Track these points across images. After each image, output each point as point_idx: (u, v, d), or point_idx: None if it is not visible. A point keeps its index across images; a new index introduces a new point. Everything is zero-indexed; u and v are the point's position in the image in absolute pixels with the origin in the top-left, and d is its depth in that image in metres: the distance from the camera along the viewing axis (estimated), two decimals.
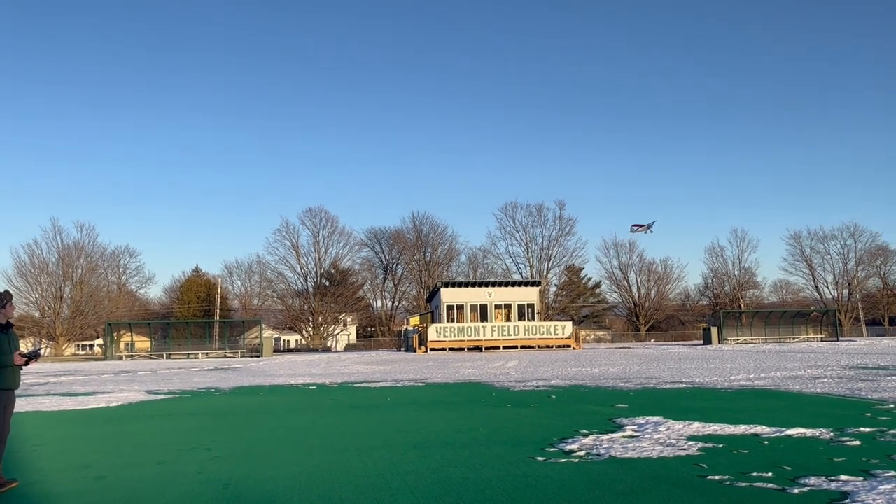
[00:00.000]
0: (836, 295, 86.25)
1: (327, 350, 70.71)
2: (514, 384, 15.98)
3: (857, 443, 6.74)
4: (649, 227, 63.87)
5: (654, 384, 15.06)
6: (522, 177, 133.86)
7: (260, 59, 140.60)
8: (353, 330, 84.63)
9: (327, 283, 79.43)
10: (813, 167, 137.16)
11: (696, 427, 7.97)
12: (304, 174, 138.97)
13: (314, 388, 16.92)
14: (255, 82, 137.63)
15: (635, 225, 64.68)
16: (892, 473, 5.27)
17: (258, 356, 48.07)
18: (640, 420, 8.74)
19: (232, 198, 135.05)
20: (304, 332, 78.83)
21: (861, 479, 5.14)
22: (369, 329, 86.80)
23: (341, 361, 34.96)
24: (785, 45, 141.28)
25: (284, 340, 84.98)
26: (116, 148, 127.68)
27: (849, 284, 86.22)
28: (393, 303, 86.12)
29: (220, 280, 78.08)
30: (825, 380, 14.80)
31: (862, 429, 7.59)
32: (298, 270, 79.61)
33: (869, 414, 8.89)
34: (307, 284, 79.57)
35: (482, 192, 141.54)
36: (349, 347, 75.92)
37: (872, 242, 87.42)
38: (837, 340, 52.59)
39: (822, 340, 53.00)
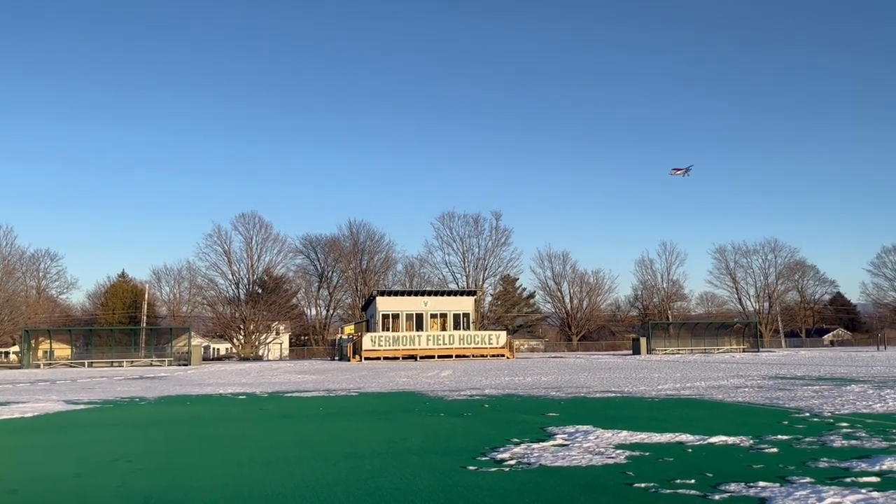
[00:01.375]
0: (757, 307, 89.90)
1: (259, 359, 69.30)
2: (448, 393, 16.00)
3: (775, 450, 7.00)
4: (687, 170, 64.10)
5: (584, 393, 15.32)
6: (460, 187, 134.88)
7: (192, 56, 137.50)
8: (285, 338, 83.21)
9: (260, 291, 77.99)
10: (737, 184, 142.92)
11: (624, 435, 8.13)
12: (237, 178, 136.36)
13: (244, 397, 16.54)
14: (187, 80, 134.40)
15: (674, 169, 64.94)
16: (807, 480, 5.49)
17: (186, 365, 46.73)
18: (571, 429, 8.87)
19: (162, 200, 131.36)
20: (235, 340, 77.06)
21: (778, 485, 5.34)
22: (303, 338, 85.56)
23: (273, 370, 34.30)
24: (713, 59, 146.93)
25: (214, 349, 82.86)
26: (38, 146, 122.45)
27: (769, 297, 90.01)
28: (327, 311, 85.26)
29: (147, 286, 75.74)
30: (746, 389, 15.35)
31: (779, 436, 7.89)
32: (230, 277, 77.98)
33: (786, 422, 9.25)
34: (239, 291, 77.96)
35: (420, 201, 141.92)
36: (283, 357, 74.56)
37: (791, 258, 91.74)
38: (758, 351, 54.72)
39: (744, 351, 55.06)
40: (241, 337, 76.10)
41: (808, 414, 10.15)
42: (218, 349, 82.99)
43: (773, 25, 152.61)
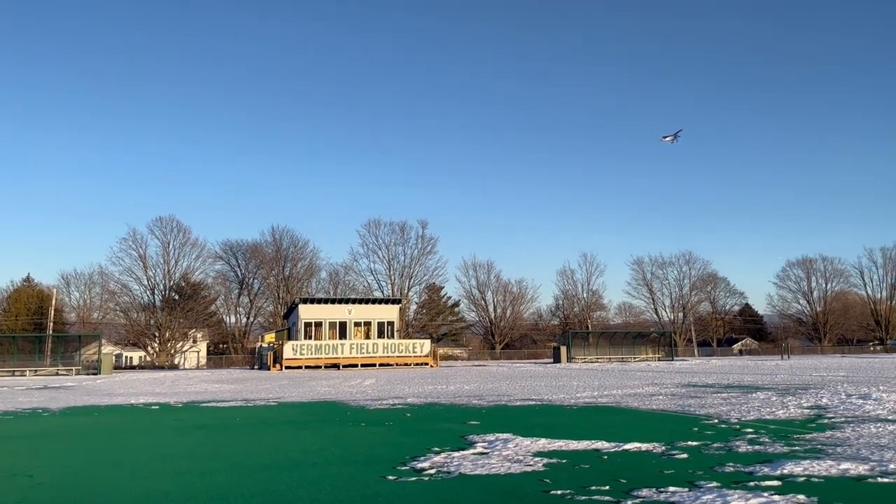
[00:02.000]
0: (672, 317, 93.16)
1: (174, 368, 66.98)
2: (370, 402, 15.88)
3: (685, 456, 7.25)
4: (676, 136, 66.58)
5: (505, 401, 15.49)
6: (386, 195, 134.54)
7: (102, 54, 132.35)
8: (203, 347, 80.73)
9: (177, 297, 75.46)
10: (654, 197, 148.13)
11: (543, 443, 8.26)
12: (154, 181, 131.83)
13: (156, 407, 15.93)
14: (98, 77, 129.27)
15: (664, 136, 67.50)
16: (714, 484, 5.71)
17: (96, 374, 44.70)
18: (491, 437, 8.94)
19: (73, 201, 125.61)
20: (149, 348, 74.20)
21: (687, 489, 5.53)
22: (221, 346, 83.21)
23: (188, 379, 33.21)
24: (631, 71, 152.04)
25: (127, 357, 79.54)
26: None
27: (683, 308, 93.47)
28: (248, 319, 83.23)
29: (54, 291, 72.00)
30: (660, 397, 15.86)
31: (689, 442, 8.18)
32: (145, 282, 75.14)
33: (696, 428, 9.61)
34: (154, 298, 75.22)
35: (346, 208, 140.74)
36: (203, 365, 72.31)
37: (704, 270, 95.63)
38: (672, 360, 56.71)
39: (659, 360, 56.93)
40: (155, 345, 73.35)
41: (716, 420, 10.56)
42: (131, 358, 79.67)
43: (675, 44, 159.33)
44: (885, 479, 5.77)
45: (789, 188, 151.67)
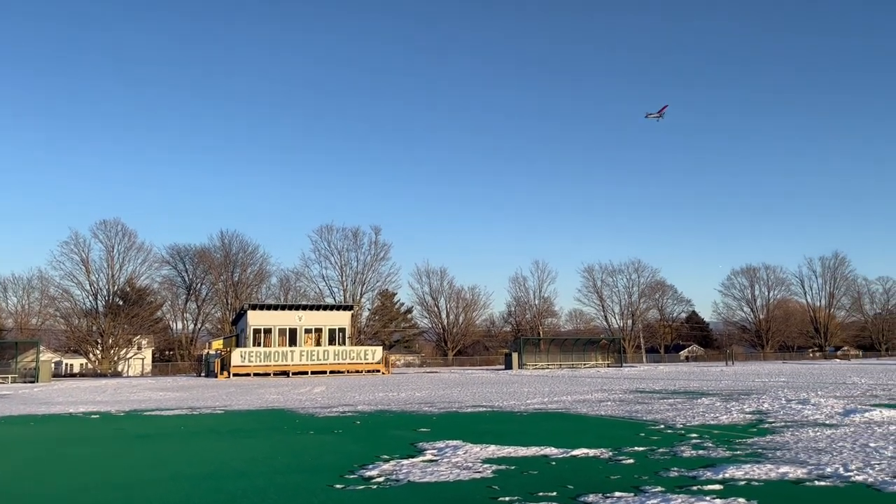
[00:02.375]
0: (621, 324, 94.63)
1: (118, 375, 65.14)
2: (320, 410, 15.69)
3: (632, 461, 7.35)
4: (661, 113, 67.89)
5: (456, 408, 15.49)
6: (340, 200, 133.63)
7: (48, 51, 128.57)
8: (148, 354, 78.72)
9: (121, 303, 73.44)
10: (607, 206, 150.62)
11: (492, 450, 8.28)
12: (98, 183, 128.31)
13: (97, 416, 15.44)
14: (44, 76, 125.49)
15: (649, 113, 68.65)
16: (658, 489, 5.80)
17: (33, 382, 43.17)
18: (441, 444, 8.92)
19: (10, 203, 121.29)
20: (91, 355, 71.92)
21: (632, 494, 5.60)
22: (167, 353, 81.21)
23: (132, 387, 32.31)
24: (585, 85, 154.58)
25: (68, 365, 77.02)
26: None
27: (632, 315, 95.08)
28: (195, 325, 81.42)
29: None
30: (609, 403, 16.08)
31: (636, 448, 8.30)
32: (88, 287, 72.87)
33: (643, 434, 9.76)
34: (97, 303, 73.00)
35: (298, 213, 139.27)
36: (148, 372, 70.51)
37: (652, 277, 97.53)
38: (621, 366, 57.61)
39: (608, 366, 57.78)
40: (98, 352, 71.14)
41: (662, 426, 10.75)
42: (71, 365, 77.12)
43: (599, 56, 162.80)
44: (822, 483, 5.94)
45: (734, 198, 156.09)
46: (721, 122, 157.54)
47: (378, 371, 47.24)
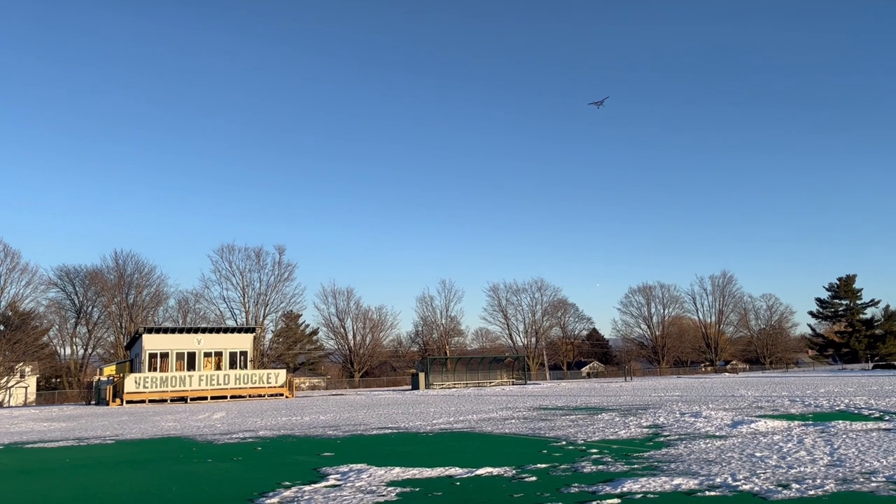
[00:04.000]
0: (526, 342, 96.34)
1: None
2: (219, 437, 15.11)
3: (534, 478, 7.45)
4: (602, 102, 72.37)
5: (361, 430, 15.28)
6: (242, 221, 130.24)
7: None
8: (32, 382, 73.63)
9: (2, 328, 68.50)
10: (508, 227, 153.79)
11: (397, 472, 8.20)
12: None
13: None
14: None
15: (591, 101, 74.58)
16: None
17: None
18: (345, 468, 8.76)
19: None
20: None
21: None
22: (54, 380, 76.25)
23: (13, 419, 30.10)
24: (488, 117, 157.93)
25: None
26: None
27: (536, 333, 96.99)
28: (86, 350, 76.93)
29: None
30: (513, 421, 16.28)
31: (539, 465, 8.43)
32: None
33: (545, 451, 9.93)
34: None
35: (197, 234, 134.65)
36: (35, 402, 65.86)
37: (555, 296, 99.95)
38: (526, 384, 58.56)
39: (513, 384, 58.61)
40: None
41: (564, 442, 10.98)
42: None
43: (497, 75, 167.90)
44: (712, 493, 6.21)
45: (630, 218, 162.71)
46: (617, 140, 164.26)
47: (282, 395, 46.07)
